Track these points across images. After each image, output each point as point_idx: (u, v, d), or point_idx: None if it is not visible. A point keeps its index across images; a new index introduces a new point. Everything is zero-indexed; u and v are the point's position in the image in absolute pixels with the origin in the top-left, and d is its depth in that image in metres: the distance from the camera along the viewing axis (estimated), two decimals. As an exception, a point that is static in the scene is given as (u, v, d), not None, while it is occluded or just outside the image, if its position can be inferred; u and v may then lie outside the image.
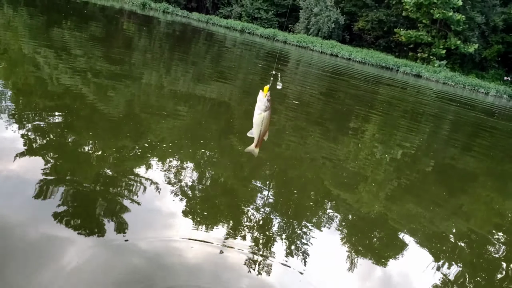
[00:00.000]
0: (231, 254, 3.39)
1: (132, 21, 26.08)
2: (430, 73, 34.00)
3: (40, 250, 2.91)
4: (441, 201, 6.11)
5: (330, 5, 43.25)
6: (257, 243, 3.64)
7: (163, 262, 3.11)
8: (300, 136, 7.85)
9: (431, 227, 5.03)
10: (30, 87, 6.78)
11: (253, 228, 3.87)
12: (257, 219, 4.09)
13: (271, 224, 4.08)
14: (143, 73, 10.32)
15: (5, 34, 11.10)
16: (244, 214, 4.15)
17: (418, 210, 5.47)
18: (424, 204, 5.73)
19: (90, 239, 3.16)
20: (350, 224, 4.59)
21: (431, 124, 13.00)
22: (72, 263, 2.86)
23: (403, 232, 4.64)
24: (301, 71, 20.60)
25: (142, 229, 3.48)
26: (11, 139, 4.46)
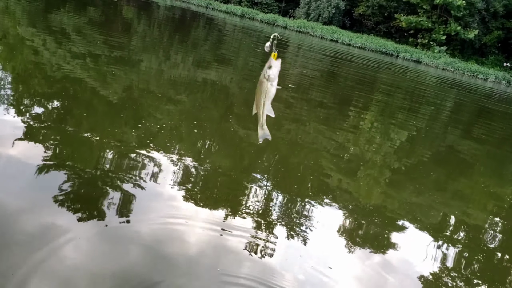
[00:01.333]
0: (231, 237, 3.42)
1: (131, 5, 25.86)
2: (429, 59, 33.89)
3: (39, 235, 2.92)
4: (440, 186, 6.15)
5: (331, -10, 42.90)
6: (257, 227, 3.67)
7: (163, 245, 3.14)
8: (300, 122, 7.86)
9: (430, 213, 5.06)
10: (29, 72, 6.76)
11: (253, 212, 3.90)
12: (257, 203, 4.12)
13: (271, 208, 4.11)
14: (143, 58, 10.28)
15: (3, 18, 11.03)
16: (244, 198, 4.18)
17: (417, 196, 5.51)
18: (423, 190, 5.76)
19: (90, 223, 3.17)
20: (349, 210, 4.62)
21: (431, 109, 13.00)
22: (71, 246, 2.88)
23: (402, 218, 4.67)
24: (301, 56, 20.52)
25: (143, 212, 3.50)
26: (11, 125, 4.46)
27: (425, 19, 38.84)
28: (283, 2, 47.02)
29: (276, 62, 2.28)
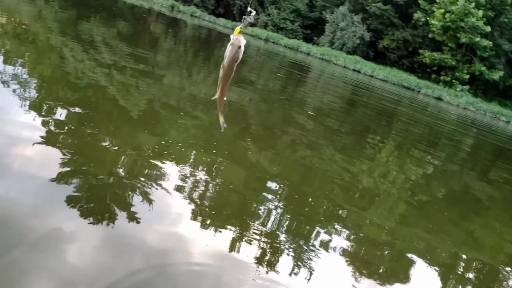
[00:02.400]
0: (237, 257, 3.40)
1: (160, 22, 26.41)
2: (451, 96, 33.67)
3: (47, 237, 2.95)
4: (453, 226, 6.03)
5: (357, 21, 43.24)
6: (263, 251, 3.64)
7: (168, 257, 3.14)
8: (315, 148, 7.84)
9: (441, 252, 4.96)
10: (54, 78, 6.91)
11: (260, 235, 3.87)
12: (265, 226, 4.09)
13: (279, 233, 4.07)
14: (166, 73, 10.44)
15: (35, 25, 11.35)
16: (253, 220, 4.15)
17: (429, 234, 5.41)
18: (435, 228, 5.66)
19: (98, 228, 3.20)
20: (359, 242, 4.56)
21: (449, 147, 12.86)
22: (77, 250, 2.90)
23: (411, 255, 4.58)
24: (322, 83, 20.60)
25: (151, 223, 3.52)
26: (31, 128, 4.54)
27: (449, 57, 38.77)
28: (308, 29, 47.50)
29: (243, 39, 2.17)
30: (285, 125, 9.04)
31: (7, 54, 7.25)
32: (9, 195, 3.26)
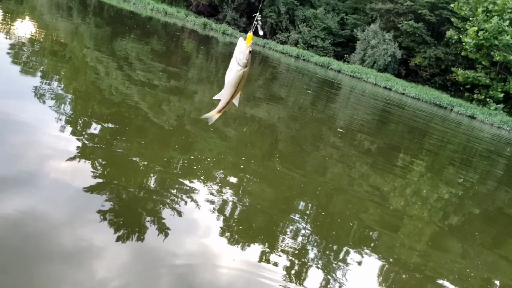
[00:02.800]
0: (262, 278, 3.38)
1: (192, 39, 26.92)
2: (485, 115, 32.80)
3: (76, 249, 3.01)
4: (486, 248, 5.83)
5: (388, 39, 42.92)
6: (290, 271, 3.61)
7: (195, 275, 3.15)
8: (345, 167, 7.76)
9: (473, 275, 4.80)
10: (89, 94, 7.12)
11: (287, 255, 3.84)
12: (292, 246, 4.05)
13: (306, 255, 4.03)
14: (197, 90, 10.60)
15: (72, 41, 11.75)
16: (280, 239, 4.13)
17: (461, 256, 5.25)
18: (468, 251, 5.49)
19: (126, 243, 3.24)
20: (389, 263, 4.46)
21: (482, 167, 12.51)
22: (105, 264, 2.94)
23: (442, 278, 4.45)
24: (353, 100, 20.46)
25: (179, 239, 3.54)
26: (66, 141, 4.68)
27: (483, 75, 37.93)
28: (339, 46, 47.44)
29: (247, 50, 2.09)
30: (314, 142, 9.01)
31: (45, 70, 7.52)
32: (41, 207, 3.35)
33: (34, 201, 3.39)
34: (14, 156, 4.04)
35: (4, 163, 3.85)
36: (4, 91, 5.73)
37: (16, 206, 3.22)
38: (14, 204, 3.25)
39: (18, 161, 3.98)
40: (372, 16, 47.20)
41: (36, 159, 4.14)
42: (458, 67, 40.18)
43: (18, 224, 3.06)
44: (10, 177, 3.62)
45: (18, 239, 2.91)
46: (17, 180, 3.61)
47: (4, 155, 4.00)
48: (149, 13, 34.95)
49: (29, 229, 3.05)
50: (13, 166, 3.84)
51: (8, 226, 3.00)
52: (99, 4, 28.01)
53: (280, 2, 46.17)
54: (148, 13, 34.29)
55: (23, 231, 3.01)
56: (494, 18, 35.11)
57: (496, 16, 35.22)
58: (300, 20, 47.26)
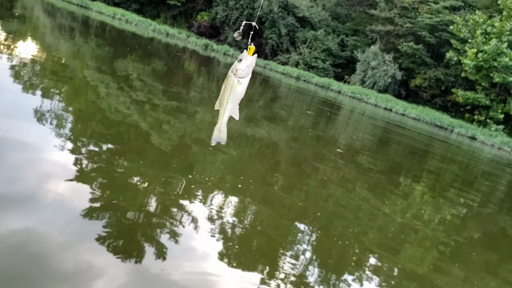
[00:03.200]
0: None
1: (194, 59, 27.14)
2: (485, 136, 32.79)
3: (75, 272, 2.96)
4: (489, 272, 5.74)
5: (388, 60, 43.24)
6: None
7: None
8: (346, 187, 7.71)
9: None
10: (90, 114, 7.12)
11: (288, 279, 3.77)
12: (293, 269, 3.99)
13: (307, 277, 3.96)
14: (198, 110, 10.62)
15: (73, 62, 11.83)
16: (281, 261, 4.07)
17: (463, 280, 5.16)
18: (470, 274, 5.40)
19: (127, 265, 3.19)
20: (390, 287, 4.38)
21: (484, 188, 12.43)
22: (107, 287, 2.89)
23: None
24: (353, 121, 20.50)
25: (178, 262, 3.49)
26: (65, 162, 4.66)
27: (483, 96, 38.08)
28: (339, 68, 47.78)
29: (250, 56, 2.02)
30: (315, 162, 8.97)
31: (46, 90, 7.55)
32: (40, 229, 3.32)
33: (33, 222, 3.35)
34: (13, 176, 4.02)
35: (4, 183, 3.83)
36: (4, 111, 5.73)
37: (15, 227, 3.19)
38: (13, 225, 3.22)
39: (18, 182, 3.96)
40: (372, 37, 47.66)
41: (36, 179, 4.11)
42: (458, 88, 40.35)
43: (17, 245, 3.02)
44: (9, 198, 3.59)
45: (17, 260, 2.87)
46: (17, 200, 3.59)
47: (4, 175, 3.97)
48: (151, 34, 35.31)
49: (28, 251, 3.01)
50: (13, 186, 3.82)
51: (7, 247, 2.97)
52: (101, 25, 28.33)
53: (281, 24, 46.70)
54: (150, 34, 34.65)
55: (22, 252, 2.97)
56: (493, 40, 35.44)
57: (495, 38, 35.56)
58: (301, 41, 47.73)
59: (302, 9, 47.56)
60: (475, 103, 38.54)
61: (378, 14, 47.19)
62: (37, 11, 24.92)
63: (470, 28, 38.09)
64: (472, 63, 36.72)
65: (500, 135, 34.24)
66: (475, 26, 37.52)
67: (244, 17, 46.32)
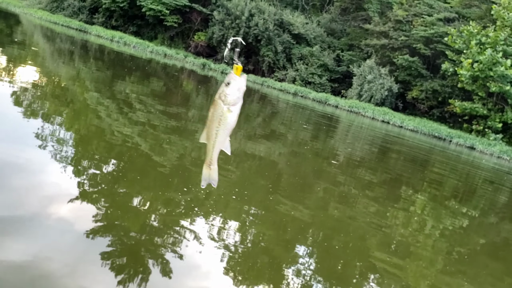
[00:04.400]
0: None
1: (192, 79, 27.34)
2: (484, 145, 32.83)
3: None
4: (494, 283, 5.74)
5: (384, 73, 43.54)
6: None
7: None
8: (347, 202, 7.73)
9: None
10: (90, 136, 7.18)
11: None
12: (296, 286, 4.00)
13: (312, 289, 3.98)
14: (197, 129, 10.69)
15: (73, 85, 11.95)
16: (284, 278, 4.08)
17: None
18: (477, 282, 5.40)
19: (131, 285, 3.21)
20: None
21: (485, 197, 12.44)
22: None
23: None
24: (351, 134, 20.57)
25: (182, 281, 3.50)
26: (66, 184, 4.70)
27: (480, 106, 38.23)
28: (336, 82, 48.10)
29: (239, 78, 1.72)
30: (316, 177, 9.01)
31: (46, 114, 7.63)
32: (43, 252, 3.34)
33: (36, 245, 3.38)
34: (16, 200, 4.05)
35: (7, 206, 3.85)
36: (6, 135, 5.79)
37: (18, 251, 3.21)
38: (16, 248, 3.23)
39: (21, 205, 3.98)
40: (367, 52, 48.06)
41: (38, 202, 4.15)
42: (455, 99, 40.53)
43: (21, 268, 3.04)
44: (12, 221, 3.61)
45: (20, 284, 2.88)
46: (19, 224, 3.61)
47: (7, 198, 4.01)
48: (148, 55, 35.62)
49: (31, 274, 3.03)
50: (16, 210, 3.85)
51: (10, 271, 2.98)
52: (100, 48, 28.61)
53: (277, 41, 47.17)
54: (148, 56, 34.95)
55: (25, 276, 2.98)
56: (488, 50, 35.76)
57: (490, 48, 35.89)
58: (297, 58, 48.14)
59: (297, 26, 48.09)
60: (473, 113, 38.68)
61: (373, 29, 47.67)
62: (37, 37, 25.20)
63: (464, 39, 38.46)
64: (468, 74, 36.97)
65: (499, 144, 34.30)
66: (469, 37, 37.89)
67: (240, 35, 46.78)
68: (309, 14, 53.60)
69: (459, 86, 39.51)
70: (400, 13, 47.13)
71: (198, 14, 48.46)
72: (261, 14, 46.83)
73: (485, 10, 43.74)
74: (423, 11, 46.60)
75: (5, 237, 3.35)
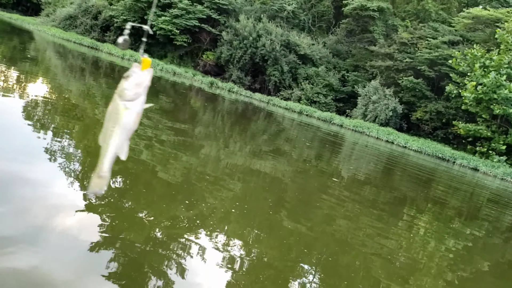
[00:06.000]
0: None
1: (199, 96, 27.65)
2: (488, 167, 32.77)
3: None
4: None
5: (389, 94, 43.83)
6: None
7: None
8: (351, 220, 7.81)
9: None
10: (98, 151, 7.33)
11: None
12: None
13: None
14: (204, 145, 10.85)
15: (83, 101, 12.19)
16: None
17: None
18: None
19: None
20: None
21: (489, 218, 12.46)
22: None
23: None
24: (356, 154, 20.68)
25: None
26: (73, 196, 4.79)
27: (484, 128, 38.29)
28: (340, 102, 48.40)
29: (141, 72, 1.44)
30: (319, 195, 9.10)
31: (56, 128, 7.81)
32: (47, 265, 3.38)
33: (40, 258, 3.42)
34: (21, 213, 4.10)
35: (11, 219, 3.90)
36: (15, 149, 5.94)
37: (23, 263, 3.25)
38: (21, 261, 3.27)
39: (25, 218, 4.03)
40: (372, 73, 48.48)
41: (43, 215, 4.20)
42: (459, 121, 40.64)
43: (25, 278, 3.09)
44: (17, 234, 3.66)
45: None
46: (24, 236, 3.65)
47: (12, 211, 4.06)
48: (158, 73, 36.06)
49: (35, 283, 3.08)
50: (20, 222, 3.89)
51: (14, 281, 3.03)
52: (110, 66, 29.04)
53: (283, 61, 47.71)
54: (158, 73, 35.38)
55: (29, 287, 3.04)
56: (492, 73, 35.98)
57: (494, 71, 36.12)
58: (303, 77, 48.61)
59: (303, 47, 48.68)
60: (477, 135, 38.72)
61: (378, 50, 48.17)
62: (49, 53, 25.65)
63: (468, 61, 38.75)
64: (472, 96, 37.13)
65: (503, 166, 34.22)
66: (473, 60, 38.17)
67: (248, 55, 47.40)
68: (315, 36, 54.30)
69: (463, 108, 39.65)
70: (405, 35, 47.68)
71: (207, 34, 49.22)
72: (268, 35, 47.51)
73: (489, 34, 44.17)
74: (428, 34, 47.13)
75: (10, 247, 3.39)
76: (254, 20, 48.89)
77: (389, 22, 51.80)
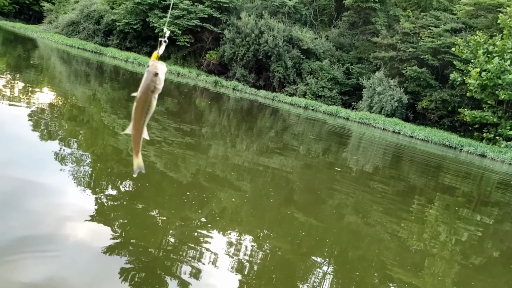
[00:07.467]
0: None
1: (204, 96, 27.74)
2: (495, 153, 32.60)
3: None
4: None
5: (394, 85, 43.69)
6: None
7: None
8: (361, 212, 7.85)
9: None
10: (107, 155, 7.42)
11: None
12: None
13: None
14: (211, 145, 10.93)
15: (90, 106, 12.31)
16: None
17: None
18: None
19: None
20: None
21: (499, 205, 12.45)
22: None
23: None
24: (363, 145, 20.68)
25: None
26: (83, 203, 4.83)
27: (490, 114, 38.08)
28: (346, 95, 48.31)
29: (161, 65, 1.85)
30: (329, 189, 9.15)
31: (63, 134, 7.90)
32: (61, 272, 3.42)
33: (54, 265, 3.45)
34: (33, 219, 4.14)
35: (24, 226, 3.94)
36: (24, 155, 6.03)
37: (37, 271, 3.28)
38: (33, 267, 3.31)
39: (38, 224, 4.07)
40: (376, 64, 48.34)
41: (55, 221, 4.24)
42: (465, 108, 40.45)
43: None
44: (30, 242, 3.69)
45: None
46: (37, 242, 3.70)
47: (24, 218, 4.10)
48: (161, 75, 36.11)
49: None
50: (33, 230, 3.92)
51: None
52: (115, 69, 29.20)
53: (287, 57, 47.67)
54: (161, 75, 35.43)
55: None
56: (495, 59, 35.77)
57: (497, 57, 35.90)
58: (307, 72, 48.55)
59: (306, 41, 48.61)
60: (483, 121, 38.52)
61: (381, 42, 48.00)
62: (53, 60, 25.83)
63: (472, 48, 38.55)
64: (477, 82, 36.94)
65: (510, 151, 34.01)
66: (476, 46, 37.97)
67: (251, 53, 47.43)
68: (318, 30, 54.21)
69: (468, 95, 39.46)
70: (407, 25, 47.45)
71: (210, 33, 49.30)
72: (270, 31, 47.49)
73: (491, 20, 43.87)
74: (430, 22, 46.89)
75: (22, 256, 3.42)
76: (255, 17, 48.88)
77: (391, 12, 51.57)
